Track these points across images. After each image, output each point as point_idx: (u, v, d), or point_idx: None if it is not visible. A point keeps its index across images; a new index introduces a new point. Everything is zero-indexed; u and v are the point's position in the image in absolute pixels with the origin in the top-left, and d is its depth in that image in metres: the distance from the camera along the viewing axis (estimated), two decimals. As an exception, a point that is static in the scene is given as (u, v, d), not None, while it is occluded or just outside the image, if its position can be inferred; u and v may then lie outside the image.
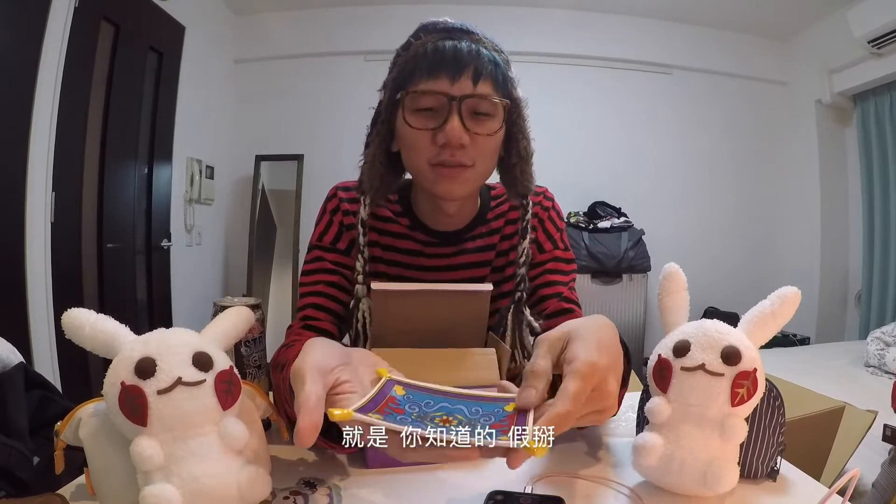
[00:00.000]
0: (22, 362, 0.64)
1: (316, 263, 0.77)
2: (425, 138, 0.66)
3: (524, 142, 0.72)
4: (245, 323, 0.51)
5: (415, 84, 0.65)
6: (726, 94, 3.50)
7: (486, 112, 0.66)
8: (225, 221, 3.41)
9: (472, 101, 0.65)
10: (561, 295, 0.77)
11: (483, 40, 0.68)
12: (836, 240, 3.38)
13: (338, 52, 3.27)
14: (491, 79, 0.66)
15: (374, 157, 0.72)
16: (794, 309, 0.51)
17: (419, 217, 0.79)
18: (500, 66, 0.67)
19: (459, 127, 0.64)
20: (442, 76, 0.64)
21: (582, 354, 0.41)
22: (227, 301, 0.65)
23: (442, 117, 0.64)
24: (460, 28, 0.68)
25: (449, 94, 0.64)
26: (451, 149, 0.65)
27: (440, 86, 0.64)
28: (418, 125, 0.66)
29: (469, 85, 0.64)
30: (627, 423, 0.67)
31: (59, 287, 1.96)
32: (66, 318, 0.41)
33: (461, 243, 0.78)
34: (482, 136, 0.66)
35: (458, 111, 0.64)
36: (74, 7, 1.97)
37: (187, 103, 2.82)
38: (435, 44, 0.66)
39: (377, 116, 0.73)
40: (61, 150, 1.96)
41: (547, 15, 3.27)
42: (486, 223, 0.80)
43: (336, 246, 0.77)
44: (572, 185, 3.29)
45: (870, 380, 2.17)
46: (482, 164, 0.69)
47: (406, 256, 0.78)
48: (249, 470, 0.41)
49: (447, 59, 0.64)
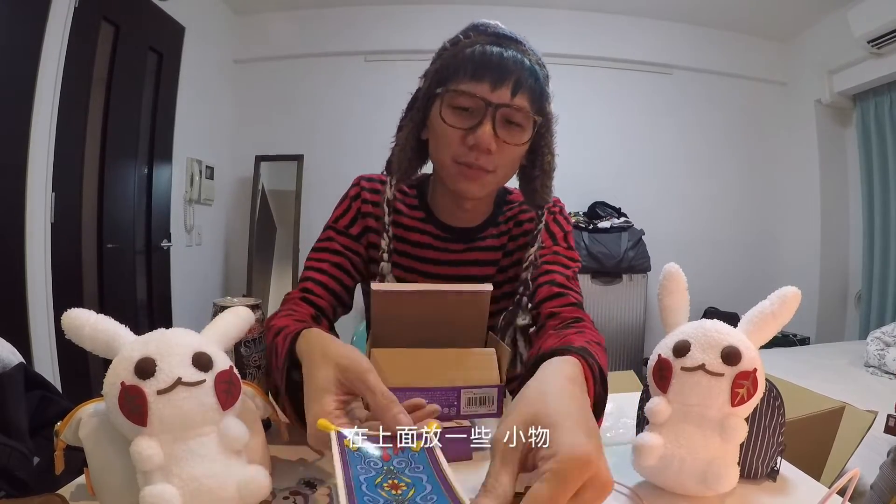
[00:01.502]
0: (22, 362, 0.64)
1: (326, 242, 0.79)
2: (456, 136, 0.68)
3: (549, 156, 0.74)
4: (245, 323, 0.51)
5: (457, 83, 0.67)
6: (726, 94, 3.50)
7: (518, 123, 0.68)
8: (225, 222, 3.41)
9: (508, 110, 0.66)
10: (554, 281, 0.75)
11: (529, 53, 0.69)
12: (836, 240, 3.37)
13: (338, 52, 3.28)
14: (529, 92, 0.67)
15: (406, 141, 0.74)
16: (794, 309, 0.50)
17: (434, 211, 0.81)
18: (539, 80, 0.69)
19: (490, 133, 0.66)
20: (485, 81, 0.66)
21: (565, 448, 0.34)
22: (226, 301, 0.64)
23: (476, 120, 0.66)
24: (510, 36, 0.70)
25: (488, 99, 0.66)
26: (478, 152, 0.67)
27: (481, 90, 0.66)
28: (453, 122, 0.68)
29: (508, 94, 0.66)
30: (627, 425, 0.67)
31: (59, 287, 1.96)
32: (66, 319, 0.41)
33: (472, 241, 0.80)
34: (510, 146, 0.68)
35: (492, 118, 0.66)
36: (74, 7, 1.97)
37: (187, 103, 2.82)
38: (483, 47, 0.67)
39: (413, 102, 0.75)
40: (61, 150, 1.96)
41: (547, 15, 3.27)
42: (497, 225, 0.82)
43: (349, 231, 0.80)
44: (572, 185, 3.29)
45: (870, 380, 2.17)
46: (503, 171, 0.71)
47: (416, 249, 0.80)
48: (249, 470, 0.41)
49: (493, 65, 0.66)
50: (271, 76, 3.36)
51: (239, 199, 3.40)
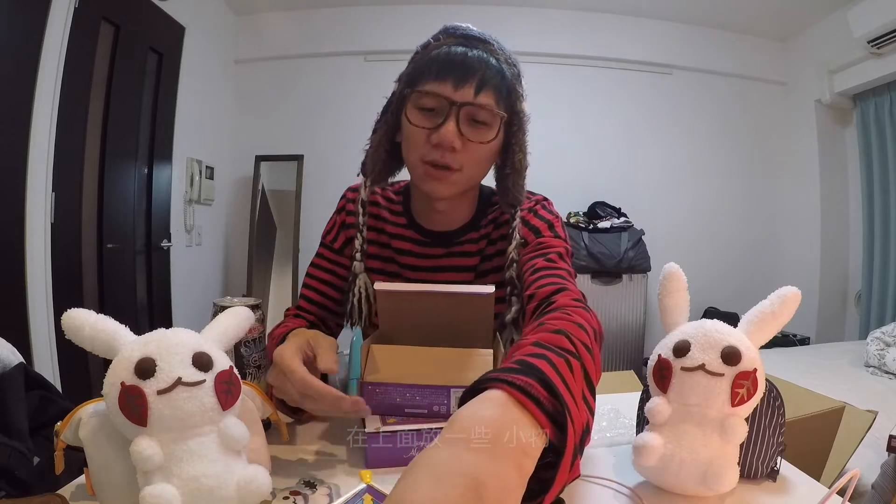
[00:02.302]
0: (22, 362, 0.64)
1: (317, 259, 0.85)
2: (421, 135, 0.69)
3: (520, 155, 0.73)
4: (245, 323, 0.51)
5: (422, 84, 0.68)
6: (726, 94, 3.50)
7: (483, 121, 0.68)
8: (225, 222, 3.41)
9: (472, 108, 0.67)
10: (534, 266, 0.70)
11: (498, 52, 0.70)
12: (836, 240, 3.37)
13: (338, 52, 3.28)
14: (494, 90, 0.68)
15: (379, 143, 0.76)
16: (794, 309, 0.50)
17: (414, 216, 0.82)
18: (506, 78, 0.69)
19: (453, 131, 0.66)
20: (448, 80, 0.66)
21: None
22: (226, 301, 0.64)
23: (440, 119, 0.67)
24: (478, 37, 0.70)
25: (451, 98, 0.66)
26: (443, 150, 0.67)
27: (444, 89, 0.66)
28: (417, 122, 0.69)
29: (471, 93, 0.67)
30: (627, 425, 0.67)
31: (59, 287, 1.96)
32: (66, 319, 0.41)
33: (451, 246, 0.80)
34: (475, 144, 0.68)
35: (455, 116, 0.67)
36: (74, 7, 1.97)
37: (187, 103, 2.82)
38: (449, 48, 0.68)
39: (388, 106, 0.76)
40: (61, 150, 1.95)
41: (547, 15, 3.27)
42: (478, 229, 0.81)
43: (333, 245, 0.84)
44: (572, 185, 3.30)
45: (870, 380, 2.17)
46: (470, 170, 0.71)
47: (400, 256, 0.81)
48: (249, 470, 0.41)
49: (456, 65, 0.67)
50: (271, 76, 3.36)
51: (239, 199, 3.40)
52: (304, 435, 0.63)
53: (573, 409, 0.37)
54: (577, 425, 0.36)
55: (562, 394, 0.36)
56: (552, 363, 0.39)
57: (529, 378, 0.36)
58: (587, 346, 0.46)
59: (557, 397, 0.36)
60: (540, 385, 0.36)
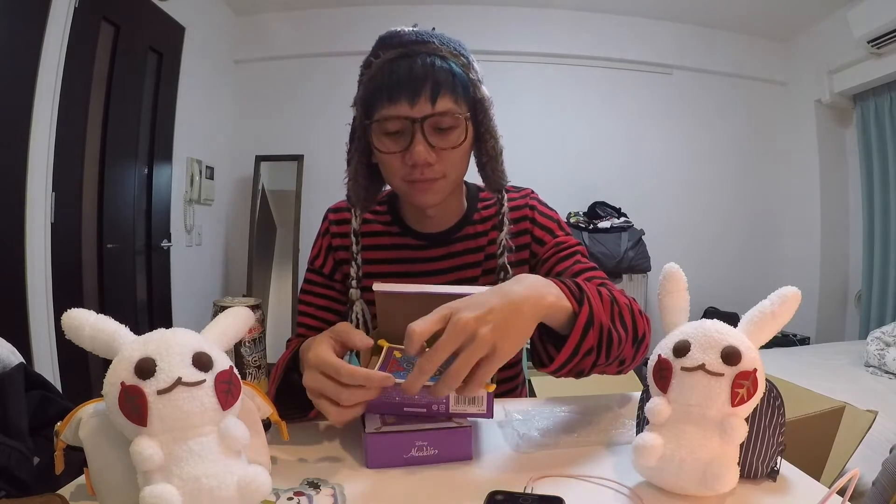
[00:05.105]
0: (22, 362, 0.64)
1: (308, 285, 0.85)
2: (395, 160, 0.69)
3: (492, 141, 0.74)
4: (245, 323, 0.51)
5: (378, 111, 0.68)
6: (726, 94, 3.50)
7: (448, 126, 0.68)
8: (225, 222, 3.41)
9: (433, 119, 0.67)
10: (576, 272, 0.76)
11: (440, 48, 0.69)
12: (836, 240, 3.37)
13: (338, 52, 3.27)
14: (449, 92, 0.67)
15: (356, 172, 0.75)
16: (794, 309, 0.50)
17: (406, 222, 0.82)
18: (457, 75, 0.68)
19: (424, 148, 0.67)
20: (401, 100, 0.66)
21: None
22: (226, 301, 0.64)
23: (407, 139, 0.67)
24: (416, 40, 0.69)
25: (410, 116, 0.66)
26: (420, 168, 0.68)
27: (400, 110, 0.66)
28: (387, 149, 0.69)
29: (427, 105, 0.66)
30: (627, 425, 0.67)
31: (59, 287, 1.96)
32: (65, 319, 0.41)
33: (449, 245, 0.81)
34: (447, 150, 0.69)
35: (421, 132, 0.66)
36: (74, 7, 1.97)
37: (187, 103, 2.82)
38: (391, 65, 0.67)
39: (353, 133, 0.75)
40: (61, 150, 1.95)
41: (547, 15, 3.27)
42: (472, 224, 0.82)
43: (322, 270, 0.84)
44: (572, 185, 3.29)
45: (870, 380, 2.17)
46: (453, 173, 0.72)
47: (399, 266, 0.81)
48: (249, 470, 0.41)
49: (403, 81, 0.66)
50: (271, 76, 3.36)
51: (239, 199, 3.40)
52: (304, 435, 0.63)
53: (594, 299, 0.59)
54: (597, 306, 0.58)
55: (585, 288, 0.59)
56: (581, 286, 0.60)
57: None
58: (620, 303, 0.63)
59: (580, 287, 0.59)
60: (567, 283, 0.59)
